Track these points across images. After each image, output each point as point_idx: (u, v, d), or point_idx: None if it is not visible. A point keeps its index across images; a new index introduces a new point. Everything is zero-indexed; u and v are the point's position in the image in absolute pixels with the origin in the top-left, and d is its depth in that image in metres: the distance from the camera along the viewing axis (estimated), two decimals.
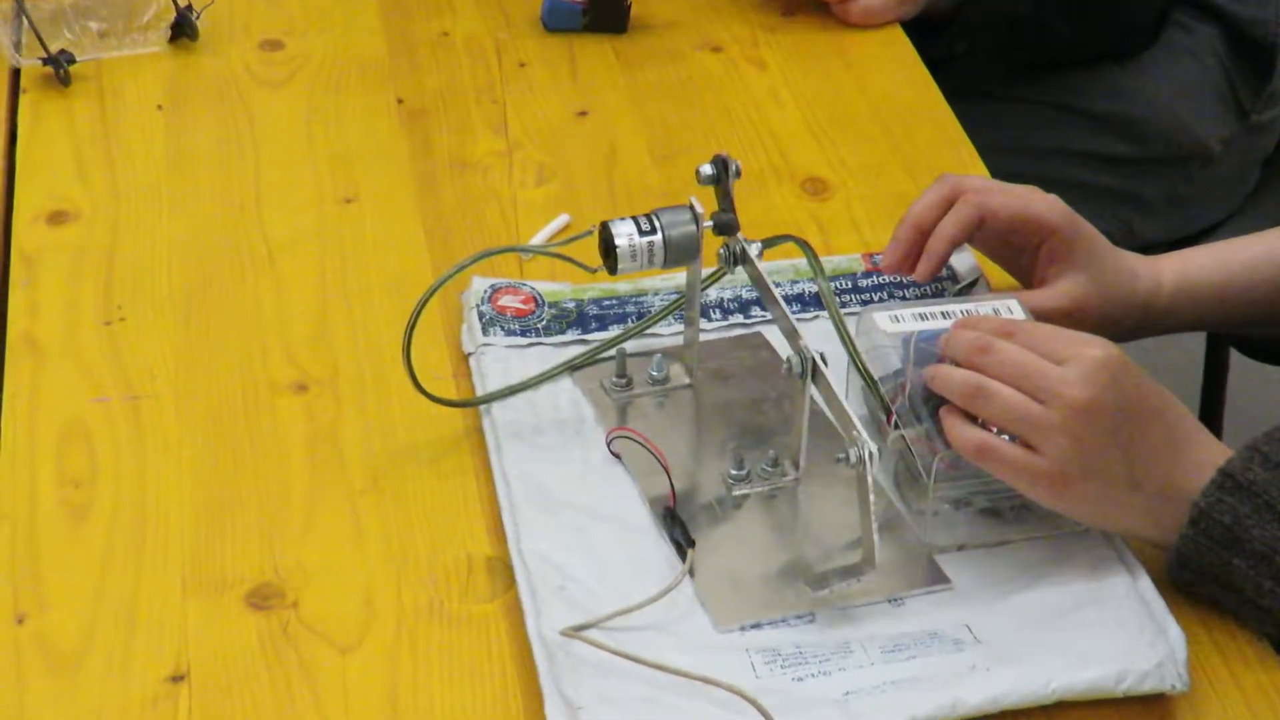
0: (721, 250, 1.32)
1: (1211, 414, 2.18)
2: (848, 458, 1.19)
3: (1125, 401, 1.18)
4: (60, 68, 1.68)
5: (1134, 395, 1.19)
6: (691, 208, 1.31)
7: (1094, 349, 1.19)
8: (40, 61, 1.69)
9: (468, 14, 1.82)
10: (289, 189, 1.59)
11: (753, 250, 1.32)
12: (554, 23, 1.79)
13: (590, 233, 1.32)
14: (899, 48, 1.80)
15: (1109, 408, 1.17)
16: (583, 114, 1.69)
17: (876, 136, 1.67)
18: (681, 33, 1.80)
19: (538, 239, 1.52)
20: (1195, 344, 2.25)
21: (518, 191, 1.59)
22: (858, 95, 1.73)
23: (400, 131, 1.66)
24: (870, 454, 1.18)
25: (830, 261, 1.47)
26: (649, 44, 1.78)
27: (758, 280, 1.31)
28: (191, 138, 1.65)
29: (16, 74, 1.72)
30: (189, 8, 1.74)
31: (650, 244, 1.30)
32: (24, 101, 1.69)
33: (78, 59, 1.70)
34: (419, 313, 1.28)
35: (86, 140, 1.64)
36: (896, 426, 1.26)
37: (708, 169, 1.31)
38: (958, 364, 1.23)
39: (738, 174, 1.30)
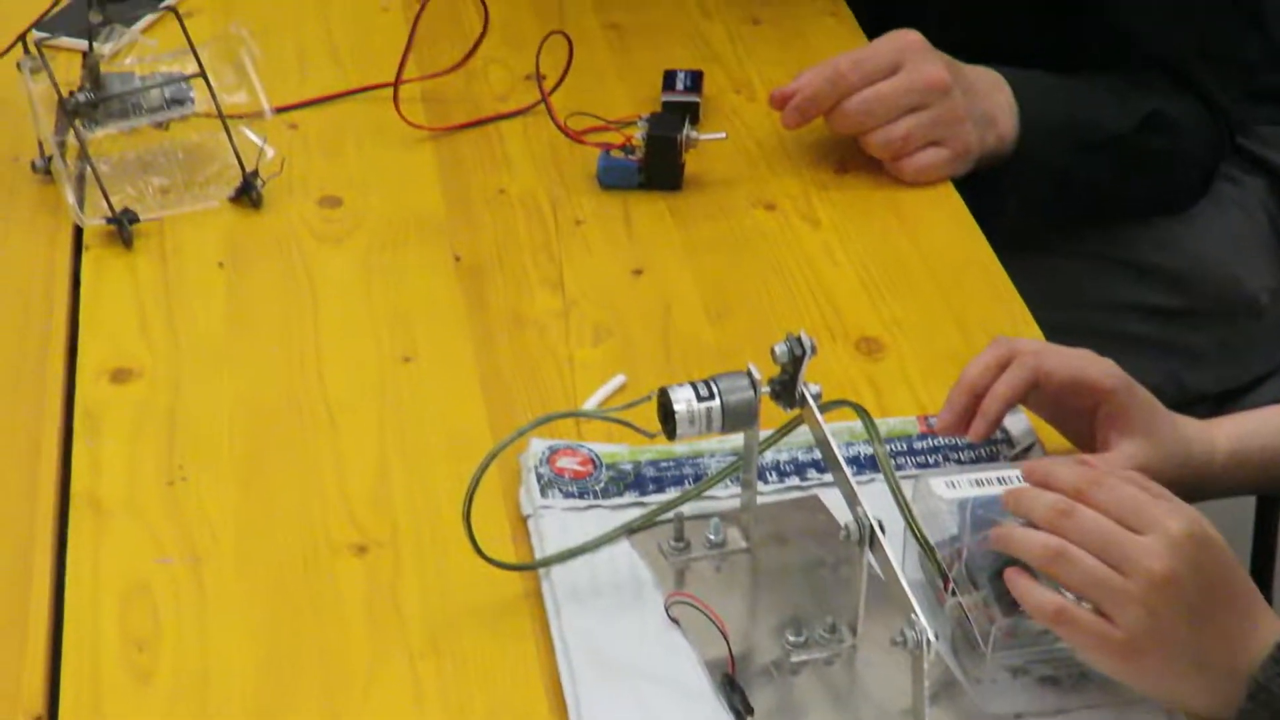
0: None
1: (1261, 572, 2.17)
2: (905, 640, 1.19)
3: (1204, 580, 1.18)
4: (124, 228, 1.70)
5: (1213, 574, 1.19)
6: (749, 374, 1.32)
7: (1177, 521, 1.19)
8: (104, 220, 1.71)
9: (524, 170, 1.84)
10: (348, 347, 1.60)
11: (810, 394, 1.32)
12: (609, 180, 1.81)
13: (649, 398, 1.33)
14: (950, 203, 1.81)
15: (1187, 584, 1.18)
16: (638, 272, 1.70)
17: (929, 293, 1.68)
18: (735, 190, 1.82)
19: (593, 400, 1.53)
20: (1245, 499, 2.24)
21: (574, 350, 1.60)
22: (911, 251, 1.74)
23: (458, 288, 1.67)
24: (928, 640, 1.18)
25: (885, 424, 1.48)
26: (703, 201, 1.80)
27: (821, 442, 1.32)
28: (252, 294, 1.67)
29: (79, 230, 1.74)
30: (254, 174, 1.76)
31: (708, 410, 1.31)
32: (87, 258, 1.70)
33: (141, 218, 1.71)
34: (479, 478, 1.29)
35: (149, 296, 1.66)
36: (953, 594, 1.27)
37: (783, 349, 1.31)
38: (1033, 524, 1.23)
39: (813, 351, 1.31)
